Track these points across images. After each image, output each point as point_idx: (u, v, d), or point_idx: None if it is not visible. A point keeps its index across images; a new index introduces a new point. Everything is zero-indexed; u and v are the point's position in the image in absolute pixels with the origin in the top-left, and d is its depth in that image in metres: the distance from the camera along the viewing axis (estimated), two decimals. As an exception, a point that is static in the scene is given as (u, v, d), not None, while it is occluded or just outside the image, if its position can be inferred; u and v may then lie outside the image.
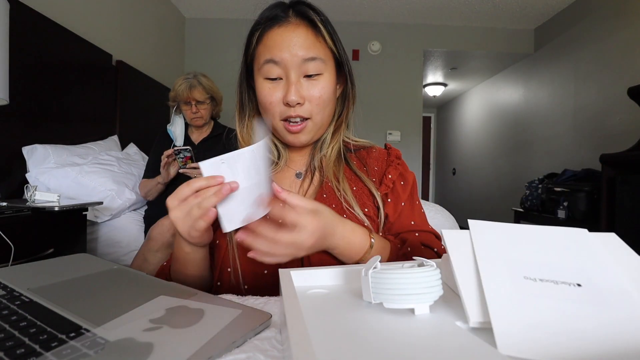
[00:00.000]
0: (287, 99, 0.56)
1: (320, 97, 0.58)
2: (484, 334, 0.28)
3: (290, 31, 0.56)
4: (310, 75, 0.57)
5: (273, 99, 0.57)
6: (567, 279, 0.31)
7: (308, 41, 0.57)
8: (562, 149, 3.25)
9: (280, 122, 0.59)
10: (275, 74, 0.57)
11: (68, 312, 0.34)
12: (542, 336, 0.26)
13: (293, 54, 0.56)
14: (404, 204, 0.64)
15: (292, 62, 0.56)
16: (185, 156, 1.58)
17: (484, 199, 4.84)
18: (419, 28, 3.67)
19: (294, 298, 0.31)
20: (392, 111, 3.67)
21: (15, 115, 1.50)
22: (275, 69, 0.57)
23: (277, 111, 0.58)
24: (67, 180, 1.54)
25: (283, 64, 0.56)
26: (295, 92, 0.56)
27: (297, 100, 0.56)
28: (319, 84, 0.58)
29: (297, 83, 0.57)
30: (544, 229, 0.37)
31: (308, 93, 0.57)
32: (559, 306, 0.28)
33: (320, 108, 0.59)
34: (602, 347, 0.25)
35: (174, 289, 0.42)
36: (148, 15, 2.81)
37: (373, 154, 0.69)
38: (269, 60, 0.56)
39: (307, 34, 0.57)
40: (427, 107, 6.33)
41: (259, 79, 0.59)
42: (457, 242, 0.35)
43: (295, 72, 0.56)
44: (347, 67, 0.63)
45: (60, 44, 1.78)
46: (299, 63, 0.56)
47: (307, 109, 0.58)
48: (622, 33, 2.62)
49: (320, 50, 0.58)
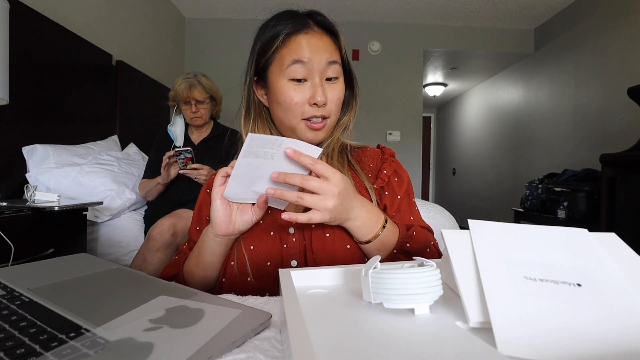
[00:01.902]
0: (315, 100, 0.60)
1: (338, 100, 0.63)
2: (484, 334, 0.28)
3: (316, 38, 0.61)
4: (330, 78, 0.62)
5: (298, 99, 0.60)
6: (567, 279, 0.31)
7: (331, 47, 0.62)
8: (562, 148, 3.25)
9: (302, 121, 0.62)
10: (301, 75, 0.60)
11: (68, 312, 0.34)
12: (542, 336, 0.26)
13: (320, 57, 0.60)
14: (401, 199, 0.66)
15: (318, 65, 0.60)
16: (186, 157, 1.58)
17: (484, 199, 4.84)
18: (419, 28, 3.67)
19: (294, 298, 0.31)
20: (392, 111, 3.67)
21: (15, 115, 1.50)
22: (302, 70, 0.60)
23: (299, 111, 0.61)
24: (67, 180, 1.54)
25: (310, 65, 0.60)
26: (322, 93, 0.60)
27: (324, 101, 0.60)
28: (337, 87, 0.63)
29: (322, 85, 0.61)
30: (544, 229, 0.37)
31: (330, 95, 0.62)
32: (559, 306, 0.28)
33: (337, 109, 0.64)
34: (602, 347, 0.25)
35: (174, 289, 0.42)
36: (148, 15, 2.81)
37: (368, 153, 0.73)
38: (297, 61, 0.60)
39: (330, 41, 0.63)
40: (427, 107, 6.33)
41: (281, 81, 0.61)
42: (457, 242, 0.35)
43: (319, 74, 0.61)
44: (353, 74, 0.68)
45: (60, 44, 1.78)
46: (324, 66, 0.61)
47: (328, 109, 0.62)
48: (622, 33, 2.62)
49: (338, 56, 0.63)
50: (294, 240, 0.59)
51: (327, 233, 0.58)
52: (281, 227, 0.61)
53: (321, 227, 0.59)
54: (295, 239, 0.60)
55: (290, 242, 0.59)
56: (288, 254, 0.59)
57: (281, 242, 0.59)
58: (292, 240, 0.59)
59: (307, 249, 0.59)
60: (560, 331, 0.26)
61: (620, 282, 0.31)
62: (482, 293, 0.30)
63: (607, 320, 0.27)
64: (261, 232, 0.60)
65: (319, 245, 0.58)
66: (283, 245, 0.59)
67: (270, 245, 0.59)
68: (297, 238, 0.60)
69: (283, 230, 0.60)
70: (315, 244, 0.58)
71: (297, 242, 0.59)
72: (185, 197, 1.66)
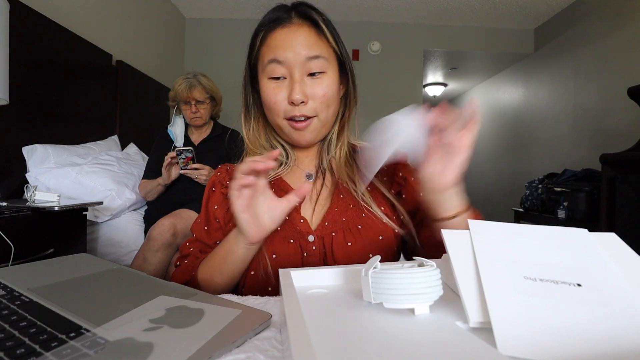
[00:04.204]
0: (291, 98, 0.56)
1: (324, 95, 0.58)
2: (484, 334, 0.28)
3: (293, 32, 0.57)
4: (314, 73, 0.58)
5: (277, 98, 0.58)
6: (567, 279, 0.31)
7: (311, 40, 0.57)
8: (562, 148, 3.25)
9: (284, 120, 0.60)
10: (279, 73, 0.57)
11: (68, 312, 0.34)
12: (542, 336, 0.26)
13: (296, 53, 0.56)
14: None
15: (295, 61, 0.56)
16: (187, 157, 1.58)
17: (484, 199, 4.84)
18: (419, 28, 3.67)
19: (294, 298, 0.31)
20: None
21: (15, 115, 1.50)
22: (279, 68, 0.57)
23: (281, 110, 0.59)
24: (67, 180, 1.54)
25: (287, 63, 0.57)
26: (299, 91, 0.56)
27: (301, 99, 0.56)
28: (323, 82, 0.58)
29: (301, 82, 0.57)
30: (544, 229, 0.37)
31: (312, 91, 0.58)
32: (559, 306, 0.28)
33: (325, 106, 0.59)
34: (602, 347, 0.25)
35: (174, 289, 0.42)
36: (148, 15, 2.81)
37: None
38: (273, 60, 0.57)
39: (309, 33, 0.58)
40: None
41: (263, 79, 0.59)
42: (457, 242, 0.35)
43: (299, 70, 0.57)
44: (349, 67, 0.64)
45: (60, 44, 1.77)
46: (303, 61, 0.57)
47: (311, 107, 0.58)
48: (622, 33, 2.62)
49: (323, 49, 0.59)
50: (313, 249, 0.57)
51: (349, 242, 0.57)
52: (300, 234, 0.58)
53: (342, 236, 0.57)
54: (315, 247, 0.57)
55: (310, 250, 0.57)
56: (308, 262, 0.57)
57: (301, 250, 0.57)
58: (311, 249, 0.57)
59: (328, 257, 0.57)
60: (560, 331, 0.26)
61: (620, 282, 0.31)
62: (482, 293, 0.30)
63: (607, 320, 0.27)
64: (281, 240, 0.58)
65: (341, 254, 0.56)
66: (303, 253, 0.57)
67: (292, 253, 0.57)
68: (317, 246, 0.58)
69: (302, 238, 0.58)
70: (337, 252, 0.56)
71: (317, 250, 0.57)
72: (185, 197, 1.66)
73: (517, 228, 0.37)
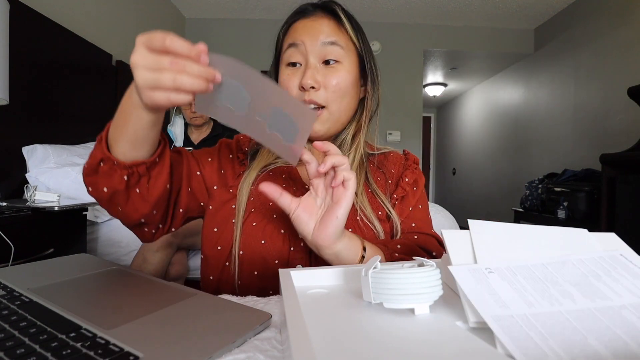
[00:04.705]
0: (301, 82, 0.56)
1: (337, 85, 0.57)
2: (484, 334, 0.28)
3: (313, 21, 0.58)
4: (329, 62, 0.57)
5: (290, 84, 0.57)
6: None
7: (329, 28, 0.58)
8: (562, 148, 3.25)
9: None
10: (296, 59, 0.57)
11: (68, 312, 0.34)
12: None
13: (314, 37, 0.57)
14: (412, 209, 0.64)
15: (311, 46, 0.56)
16: None
17: (484, 199, 4.84)
18: (419, 28, 3.67)
19: (294, 298, 0.31)
20: (392, 111, 3.67)
21: (15, 115, 1.50)
22: (296, 53, 0.57)
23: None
24: (67, 180, 1.54)
25: (303, 48, 0.57)
26: (310, 76, 0.55)
27: (311, 84, 0.55)
28: (337, 72, 0.57)
29: (314, 68, 0.57)
30: (544, 229, 0.37)
31: (325, 79, 0.57)
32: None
33: (337, 96, 0.58)
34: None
35: (174, 289, 0.42)
36: (148, 15, 2.81)
37: (390, 158, 0.69)
38: (291, 45, 0.58)
39: (329, 23, 0.58)
40: (427, 107, 6.33)
41: (282, 67, 0.59)
42: (457, 242, 0.35)
43: (314, 56, 0.57)
44: (370, 64, 0.63)
45: (60, 44, 1.77)
46: (319, 47, 0.57)
47: (322, 95, 0.57)
48: (622, 33, 2.62)
49: (341, 37, 0.59)
50: (301, 245, 0.56)
51: None
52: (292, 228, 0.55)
53: None
54: (302, 244, 0.56)
55: (298, 245, 0.56)
56: (295, 257, 0.56)
57: (290, 243, 0.56)
58: (299, 245, 0.56)
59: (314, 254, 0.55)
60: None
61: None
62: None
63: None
64: (274, 229, 0.56)
65: None
66: (290, 247, 0.56)
67: (281, 244, 0.56)
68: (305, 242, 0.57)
69: (292, 232, 0.56)
70: None
71: (304, 246, 0.56)
72: (185, 197, 1.66)
73: (517, 228, 0.37)
